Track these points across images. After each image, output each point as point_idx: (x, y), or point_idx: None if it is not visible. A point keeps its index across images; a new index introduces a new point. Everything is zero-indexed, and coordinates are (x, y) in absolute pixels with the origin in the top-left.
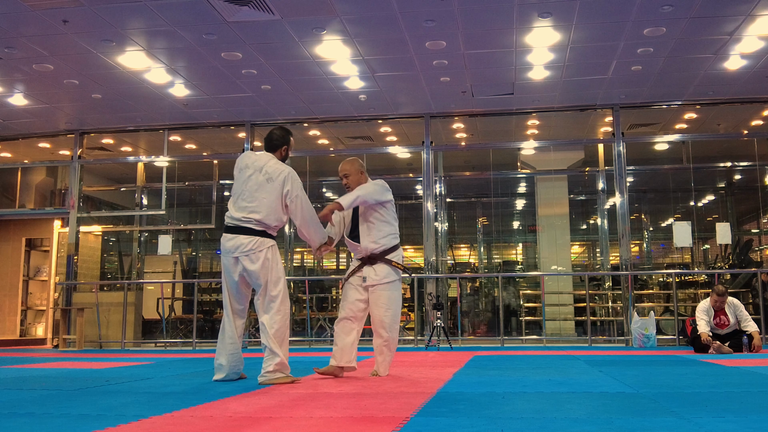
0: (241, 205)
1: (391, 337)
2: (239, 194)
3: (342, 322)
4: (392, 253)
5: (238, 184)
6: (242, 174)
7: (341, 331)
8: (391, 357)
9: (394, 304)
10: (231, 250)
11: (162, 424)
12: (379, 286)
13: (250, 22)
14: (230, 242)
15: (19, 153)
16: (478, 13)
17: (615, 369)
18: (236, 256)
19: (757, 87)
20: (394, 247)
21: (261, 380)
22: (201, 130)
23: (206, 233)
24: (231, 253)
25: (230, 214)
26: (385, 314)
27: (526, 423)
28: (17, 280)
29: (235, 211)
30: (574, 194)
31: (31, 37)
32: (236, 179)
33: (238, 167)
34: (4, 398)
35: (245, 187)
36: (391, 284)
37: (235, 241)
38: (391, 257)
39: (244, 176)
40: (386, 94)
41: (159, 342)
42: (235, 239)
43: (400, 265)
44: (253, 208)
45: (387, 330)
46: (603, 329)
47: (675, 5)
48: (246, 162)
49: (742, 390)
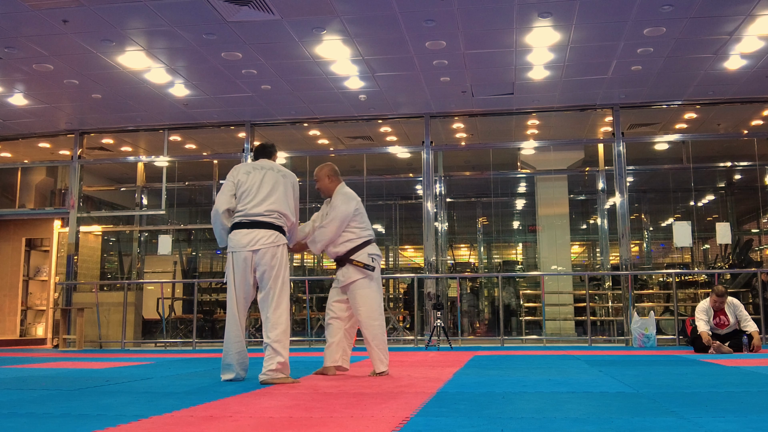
0: (259, 200)
1: (371, 333)
2: (255, 192)
3: (328, 324)
4: (356, 253)
5: (250, 184)
6: (253, 175)
7: (327, 333)
8: (379, 352)
9: (367, 301)
10: (247, 245)
11: (162, 424)
12: (349, 286)
13: (250, 22)
14: (246, 237)
15: (19, 153)
16: (478, 13)
17: (615, 369)
18: (254, 250)
19: (757, 87)
20: (357, 247)
21: (262, 379)
22: (201, 130)
23: (206, 233)
24: (246, 248)
25: (245, 212)
26: (359, 312)
27: (526, 423)
28: (17, 280)
29: (252, 208)
30: (574, 194)
31: (31, 37)
32: (243, 182)
33: (242, 171)
34: (4, 398)
35: (262, 184)
36: (356, 283)
37: (253, 234)
38: (355, 257)
39: (257, 176)
40: (386, 94)
41: (159, 342)
42: (252, 233)
43: (361, 263)
44: (274, 201)
45: (364, 326)
46: (603, 329)
47: (675, 5)
48: (251, 166)
49: (742, 390)
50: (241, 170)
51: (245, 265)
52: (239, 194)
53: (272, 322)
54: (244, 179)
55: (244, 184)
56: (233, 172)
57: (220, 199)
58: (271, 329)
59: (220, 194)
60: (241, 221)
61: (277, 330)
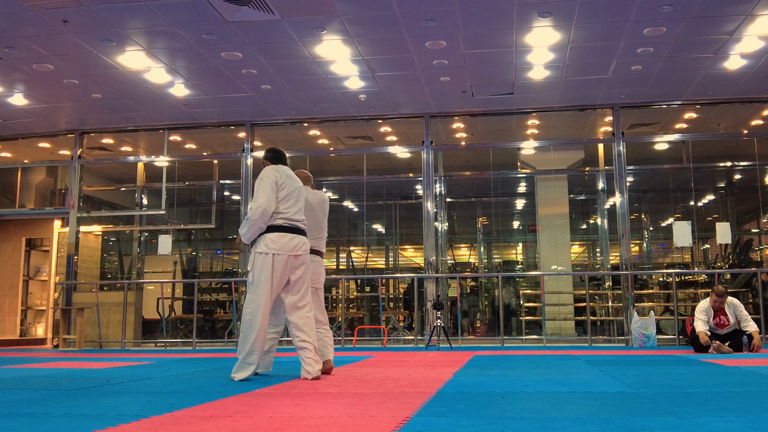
0: (298, 207)
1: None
2: (295, 199)
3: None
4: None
5: (291, 189)
6: (291, 182)
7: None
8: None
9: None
10: (292, 249)
11: (162, 424)
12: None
13: (250, 22)
14: (292, 241)
15: (19, 153)
16: (478, 13)
17: (615, 369)
18: (296, 254)
19: (757, 87)
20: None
21: (314, 376)
22: (201, 130)
23: (206, 233)
24: (290, 251)
25: (288, 216)
26: None
27: (527, 423)
28: (17, 280)
29: (293, 214)
30: (574, 194)
31: (31, 37)
32: (285, 186)
33: (283, 174)
34: (4, 398)
35: (300, 192)
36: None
37: (297, 240)
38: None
39: (294, 183)
40: (386, 94)
41: (159, 342)
42: (296, 239)
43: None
44: (302, 214)
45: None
46: (603, 329)
47: (675, 5)
48: (285, 172)
49: (742, 390)
50: (282, 173)
51: (285, 268)
52: (280, 197)
53: (309, 325)
54: (285, 183)
55: (285, 188)
56: (273, 173)
57: (269, 198)
58: (310, 330)
59: (266, 193)
60: (283, 225)
61: (312, 331)
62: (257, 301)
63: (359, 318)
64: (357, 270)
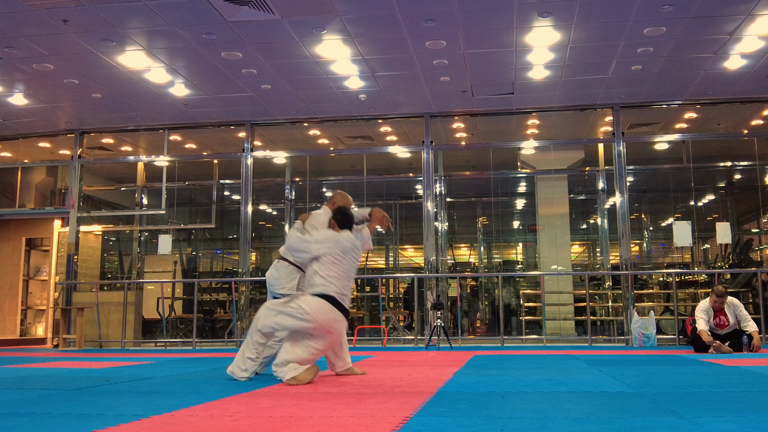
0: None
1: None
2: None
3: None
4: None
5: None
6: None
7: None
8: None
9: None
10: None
11: (162, 424)
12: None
13: (250, 21)
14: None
15: (19, 153)
16: (478, 13)
17: (615, 369)
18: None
19: (757, 87)
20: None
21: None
22: (201, 130)
23: (206, 233)
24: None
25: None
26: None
27: (527, 422)
28: (17, 279)
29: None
30: (574, 194)
31: (31, 37)
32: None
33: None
34: (4, 398)
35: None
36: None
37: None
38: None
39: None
40: (386, 94)
41: (159, 342)
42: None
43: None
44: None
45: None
46: (603, 329)
47: (675, 5)
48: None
49: (742, 390)
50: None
51: None
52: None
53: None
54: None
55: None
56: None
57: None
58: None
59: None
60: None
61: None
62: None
63: (359, 318)
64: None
